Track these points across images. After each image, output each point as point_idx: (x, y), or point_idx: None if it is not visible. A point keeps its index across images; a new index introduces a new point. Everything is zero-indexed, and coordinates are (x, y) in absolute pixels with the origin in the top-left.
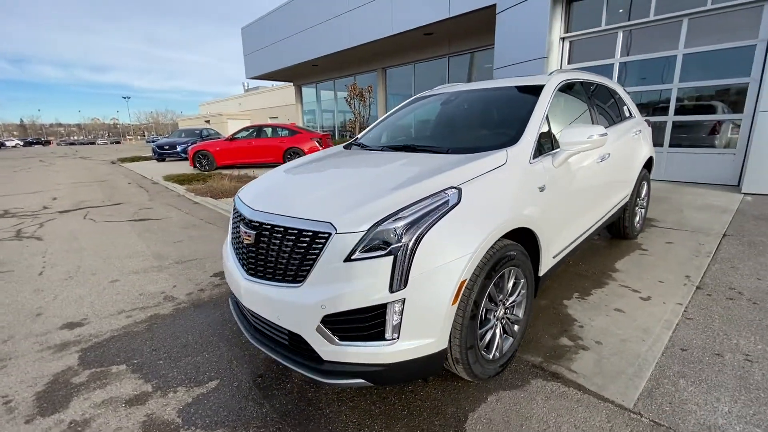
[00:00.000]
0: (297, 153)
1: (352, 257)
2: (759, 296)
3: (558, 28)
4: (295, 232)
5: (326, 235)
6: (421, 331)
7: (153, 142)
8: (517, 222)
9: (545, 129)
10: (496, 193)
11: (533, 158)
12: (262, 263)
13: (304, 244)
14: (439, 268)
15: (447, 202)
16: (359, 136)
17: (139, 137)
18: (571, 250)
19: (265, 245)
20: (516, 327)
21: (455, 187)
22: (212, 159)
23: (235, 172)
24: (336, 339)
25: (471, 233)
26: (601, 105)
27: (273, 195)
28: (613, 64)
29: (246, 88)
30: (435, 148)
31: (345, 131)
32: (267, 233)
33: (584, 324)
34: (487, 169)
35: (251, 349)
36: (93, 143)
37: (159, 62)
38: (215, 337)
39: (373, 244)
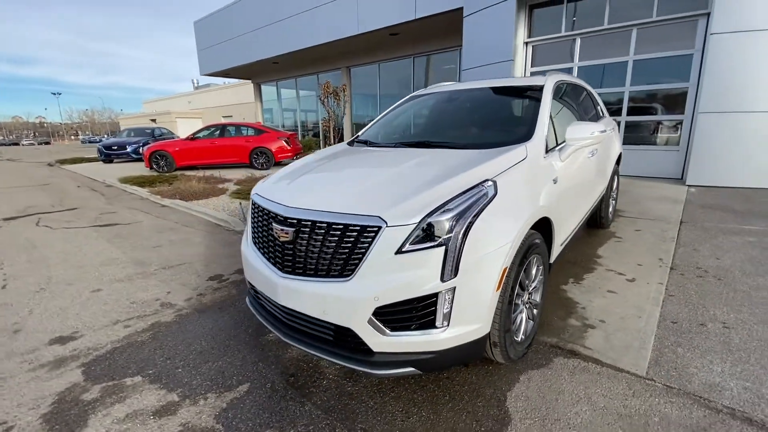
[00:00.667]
0: (264, 153)
1: (403, 249)
2: (721, 273)
3: (522, 33)
4: (341, 227)
5: (375, 229)
6: (469, 317)
7: (92, 141)
8: (541, 212)
9: (549, 125)
10: (524, 185)
11: (546, 152)
12: (302, 260)
13: (352, 239)
14: (485, 256)
15: (486, 194)
16: (360, 133)
17: (72, 137)
18: (571, 238)
19: (305, 242)
20: (535, 311)
21: (491, 180)
22: (171, 160)
23: (200, 173)
24: (387, 330)
25: (509, 223)
26: (582, 105)
27: (306, 191)
28: (572, 68)
29: (196, 85)
30: (451, 143)
31: (307, 130)
32: (307, 230)
33: (585, 306)
34: (513, 163)
35: (274, 349)
36: (17, 144)
37: (93, 56)
38: (232, 341)
39: (423, 235)
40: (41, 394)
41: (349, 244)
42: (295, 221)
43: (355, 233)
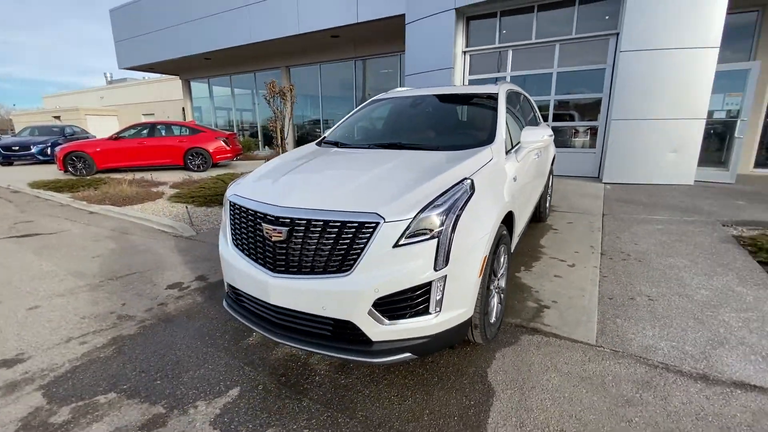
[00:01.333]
0: (200, 154)
1: (400, 243)
2: (640, 256)
3: (460, 42)
4: (338, 224)
5: (374, 225)
6: (457, 302)
7: None
8: (507, 207)
9: (506, 129)
10: (494, 183)
11: (506, 154)
12: (296, 258)
13: (350, 235)
14: (470, 246)
15: (467, 191)
16: (327, 135)
17: None
18: (523, 230)
19: (299, 240)
20: (502, 296)
21: (469, 178)
22: (91, 162)
23: (129, 175)
24: (385, 320)
25: (487, 216)
26: (524, 111)
27: (296, 191)
28: (505, 76)
29: (109, 79)
30: (421, 145)
31: (243, 130)
32: (302, 228)
33: (538, 289)
34: (483, 163)
35: (258, 352)
36: None
37: None
38: (209, 348)
39: (417, 229)
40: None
41: (348, 240)
42: (288, 220)
43: (353, 229)
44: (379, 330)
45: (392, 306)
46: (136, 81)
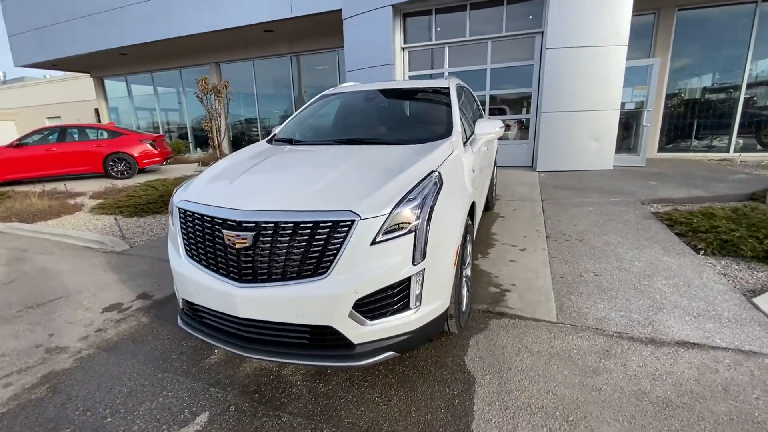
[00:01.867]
0: (123, 159)
1: (377, 240)
2: (580, 236)
3: (399, 38)
4: (310, 225)
5: (349, 223)
6: (435, 294)
7: None
8: (471, 197)
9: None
10: (457, 175)
11: (463, 146)
12: (265, 265)
13: (324, 236)
14: (444, 238)
15: (436, 183)
16: (277, 132)
17: None
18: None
19: (267, 246)
20: (469, 284)
21: (436, 171)
22: None
23: (38, 187)
24: (366, 320)
25: (456, 208)
26: (470, 104)
27: (258, 192)
28: (443, 72)
29: (2, 79)
30: (380, 140)
31: (170, 132)
32: (269, 232)
33: (497, 275)
34: (446, 156)
35: (223, 370)
36: None
37: None
38: (165, 372)
39: (393, 225)
40: None
41: (322, 242)
42: (253, 224)
43: (327, 230)
44: (361, 331)
45: (373, 305)
46: (37, 80)
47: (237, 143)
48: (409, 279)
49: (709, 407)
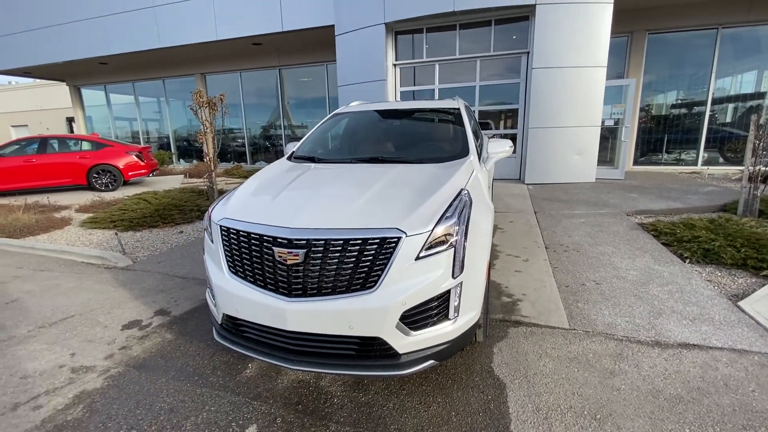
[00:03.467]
0: (108, 171)
1: (421, 255)
2: (576, 246)
3: (391, 55)
4: (359, 242)
5: (395, 240)
6: (471, 306)
7: None
8: (492, 212)
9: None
10: (481, 192)
11: (480, 164)
12: (315, 281)
13: (372, 252)
14: (477, 252)
15: (467, 201)
16: (295, 150)
17: None
18: None
19: (318, 261)
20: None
21: (465, 189)
22: None
23: (19, 200)
24: (411, 331)
25: (484, 223)
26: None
27: (304, 210)
28: (434, 89)
29: None
30: (404, 159)
31: (151, 142)
32: (320, 249)
33: (506, 285)
34: (470, 175)
35: (262, 384)
36: None
37: None
38: (204, 387)
39: (434, 240)
40: None
41: (370, 257)
42: (304, 242)
43: (375, 246)
44: (405, 342)
45: (416, 317)
46: (1, 86)
47: (223, 154)
48: (449, 292)
49: (715, 401)
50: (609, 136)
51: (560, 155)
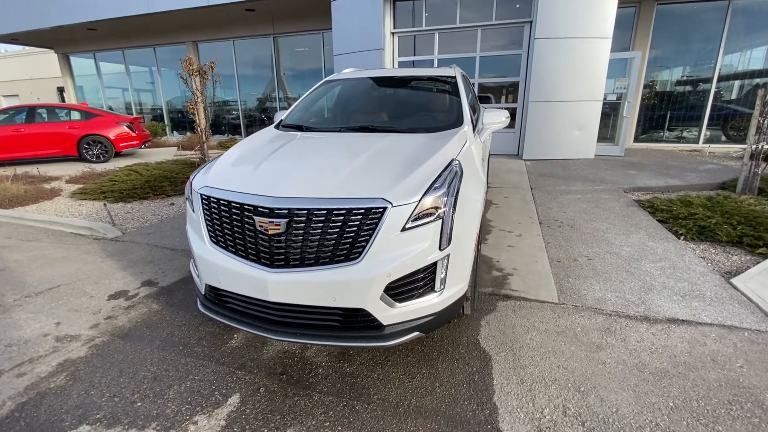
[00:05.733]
0: (99, 142)
1: (407, 227)
2: (570, 222)
3: (389, 23)
4: (343, 212)
5: (381, 210)
6: (458, 278)
7: None
8: (485, 185)
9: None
10: (473, 163)
11: (474, 135)
12: (297, 251)
13: (356, 222)
14: (466, 225)
15: (458, 172)
16: (283, 117)
17: None
18: None
19: (301, 232)
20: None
21: (457, 160)
22: None
23: (8, 170)
24: (396, 303)
25: (475, 194)
26: (472, 93)
27: (287, 179)
28: (433, 59)
29: None
30: (395, 128)
31: (144, 112)
32: (303, 219)
33: (498, 259)
34: (462, 145)
35: (247, 354)
36: None
37: None
38: (188, 357)
39: (421, 212)
40: None
41: (354, 228)
42: (286, 211)
43: (359, 216)
44: (390, 313)
45: (401, 289)
46: None
47: (216, 126)
48: (435, 264)
49: (701, 375)
50: (610, 112)
51: (560, 130)
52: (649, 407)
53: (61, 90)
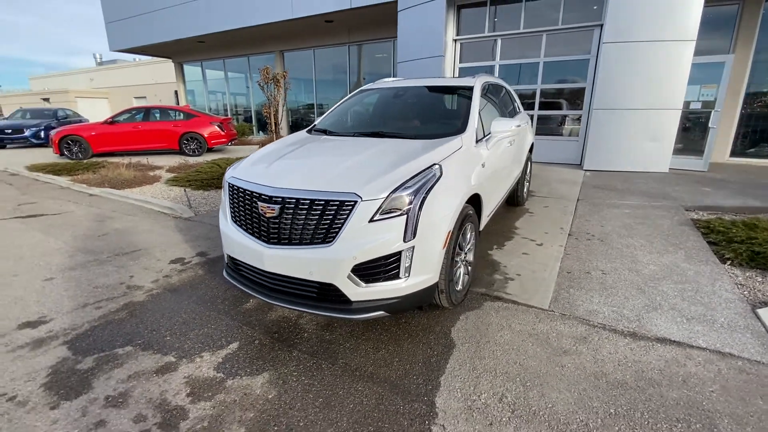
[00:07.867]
0: (195, 138)
1: (374, 219)
2: (603, 237)
3: (451, 30)
4: (322, 202)
5: (352, 203)
6: (424, 269)
7: None
8: (473, 189)
9: (478, 120)
10: (461, 168)
11: (476, 142)
12: (287, 232)
13: (332, 212)
14: (435, 222)
15: (435, 174)
16: (317, 122)
17: None
18: (495, 212)
19: (290, 216)
20: (469, 268)
21: (438, 164)
22: (87, 146)
23: (125, 159)
24: (362, 282)
25: (452, 197)
26: (503, 101)
27: (287, 174)
28: (494, 65)
29: (99, 60)
30: (401, 134)
31: (237, 115)
32: (292, 206)
33: (506, 264)
34: (452, 151)
35: (255, 315)
36: None
37: None
38: (212, 312)
39: (389, 207)
40: (32, 369)
41: (330, 216)
42: (280, 199)
43: (335, 207)
44: (357, 291)
45: (368, 271)
46: (127, 63)
47: (296, 127)
48: (399, 253)
49: (661, 392)
50: (695, 122)
51: (628, 140)
52: (586, 409)
53: (176, 93)
